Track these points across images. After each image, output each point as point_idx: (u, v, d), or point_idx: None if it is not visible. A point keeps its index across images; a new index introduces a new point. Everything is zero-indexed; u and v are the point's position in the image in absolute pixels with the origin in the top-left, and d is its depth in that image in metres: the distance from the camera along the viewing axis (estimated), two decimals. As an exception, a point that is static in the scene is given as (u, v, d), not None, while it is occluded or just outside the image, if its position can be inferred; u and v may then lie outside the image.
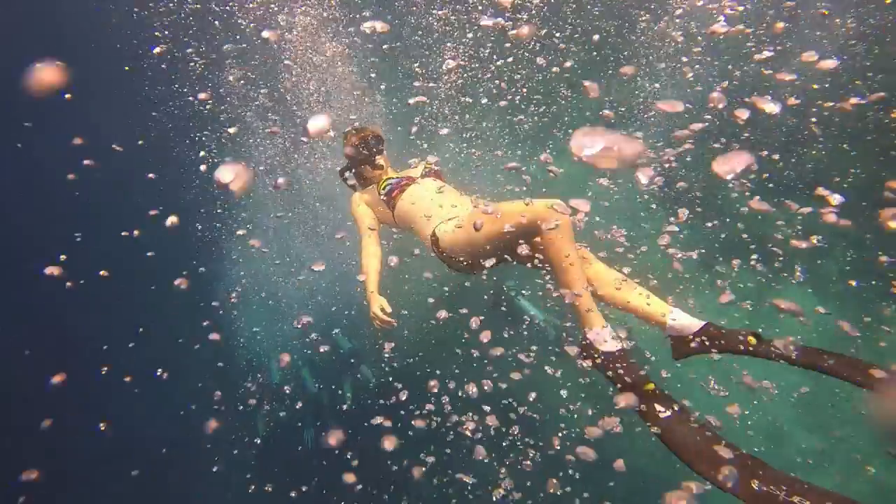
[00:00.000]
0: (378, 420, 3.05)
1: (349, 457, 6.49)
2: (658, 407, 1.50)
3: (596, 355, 1.62)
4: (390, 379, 6.60)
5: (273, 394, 7.62)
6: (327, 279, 7.75)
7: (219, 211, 8.45)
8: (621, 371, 1.57)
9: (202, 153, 7.76)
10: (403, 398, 3.25)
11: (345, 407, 6.85)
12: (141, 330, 8.04)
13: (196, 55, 6.75)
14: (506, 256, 2.03)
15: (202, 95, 6.63)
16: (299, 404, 7.17)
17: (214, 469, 7.08)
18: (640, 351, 4.45)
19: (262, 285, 8.28)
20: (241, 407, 7.31)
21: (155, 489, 7.40)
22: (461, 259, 2.08)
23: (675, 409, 1.51)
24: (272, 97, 6.70)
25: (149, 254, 4.95)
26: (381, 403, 6.60)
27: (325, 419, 7.05)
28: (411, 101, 6.49)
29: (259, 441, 7.23)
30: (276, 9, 5.79)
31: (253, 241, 8.03)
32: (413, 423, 2.92)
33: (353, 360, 7.24)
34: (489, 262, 2.02)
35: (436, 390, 2.73)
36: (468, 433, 3.90)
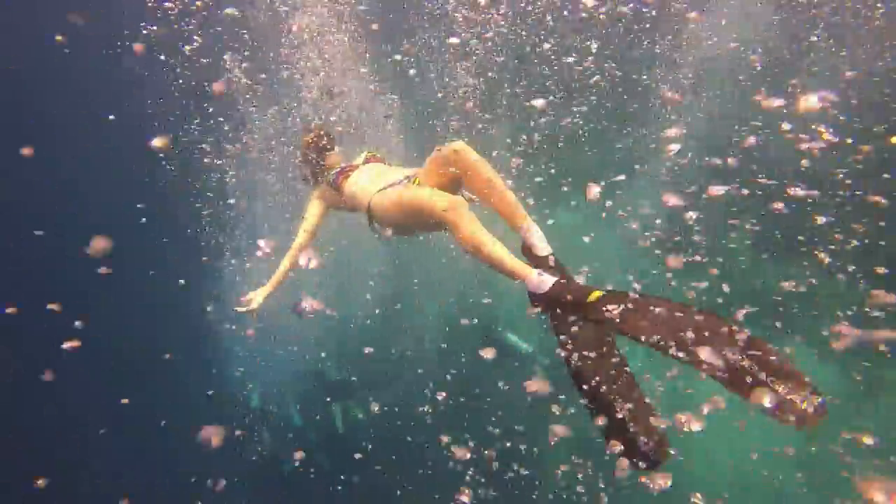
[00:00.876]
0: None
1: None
2: (611, 306, 1.70)
3: (547, 299, 1.80)
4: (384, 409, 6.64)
5: (258, 421, 7.57)
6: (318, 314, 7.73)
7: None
8: (569, 296, 1.77)
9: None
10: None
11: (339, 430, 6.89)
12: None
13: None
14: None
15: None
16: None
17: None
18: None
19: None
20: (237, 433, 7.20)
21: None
22: (391, 225, 2.44)
23: (629, 303, 1.70)
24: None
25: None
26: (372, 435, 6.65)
27: (310, 452, 7.03)
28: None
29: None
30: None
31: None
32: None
33: (355, 382, 7.26)
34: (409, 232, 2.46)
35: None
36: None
